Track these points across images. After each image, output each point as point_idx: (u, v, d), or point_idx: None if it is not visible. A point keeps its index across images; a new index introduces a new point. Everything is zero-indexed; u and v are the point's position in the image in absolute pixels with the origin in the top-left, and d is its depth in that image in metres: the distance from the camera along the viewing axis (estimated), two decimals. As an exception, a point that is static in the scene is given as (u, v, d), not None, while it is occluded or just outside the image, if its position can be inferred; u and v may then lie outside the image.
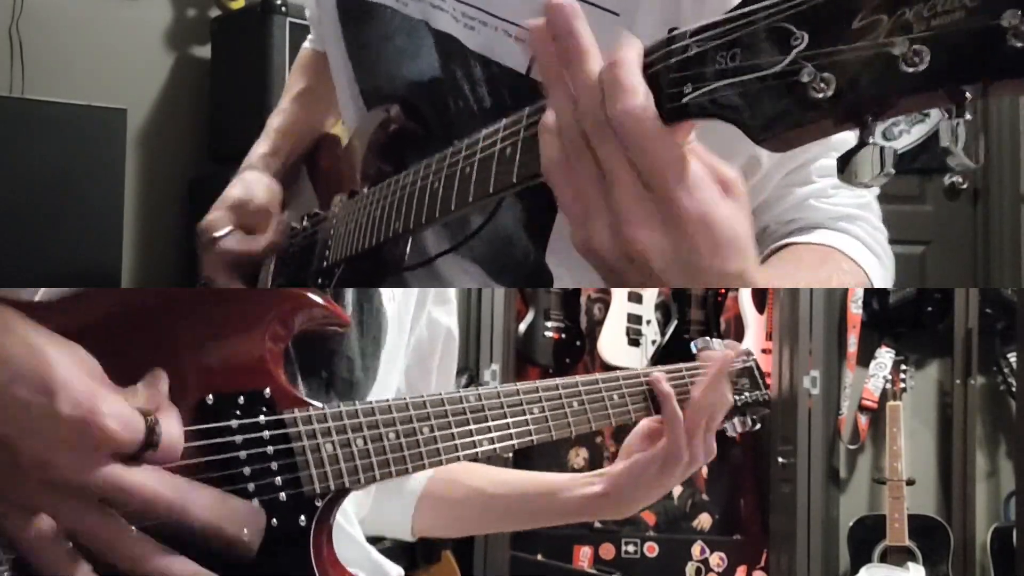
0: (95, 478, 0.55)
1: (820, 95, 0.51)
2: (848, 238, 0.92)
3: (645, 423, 0.95)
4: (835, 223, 0.93)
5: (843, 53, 0.50)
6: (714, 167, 0.58)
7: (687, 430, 0.92)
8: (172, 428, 0.59)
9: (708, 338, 1.07)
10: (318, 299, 0.71)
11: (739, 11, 0.55)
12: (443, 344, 0.97)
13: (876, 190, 0.96)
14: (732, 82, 0.55)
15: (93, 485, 0.55)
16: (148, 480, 0.57)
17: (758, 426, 1.08)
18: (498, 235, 0.98)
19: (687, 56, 0.58)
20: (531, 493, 1.00)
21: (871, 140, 0.51)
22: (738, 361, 1.07)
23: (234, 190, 1.18)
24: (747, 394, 1.07)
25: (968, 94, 0.48)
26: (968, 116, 0.49)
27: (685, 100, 0.57)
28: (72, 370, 0.55)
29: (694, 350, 1.05)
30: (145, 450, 0.57)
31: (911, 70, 0.48)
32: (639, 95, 0.56)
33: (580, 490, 0.96)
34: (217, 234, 1.13)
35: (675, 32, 0.59)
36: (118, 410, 0.56)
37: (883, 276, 0.93)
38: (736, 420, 1.06)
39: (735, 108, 0.55)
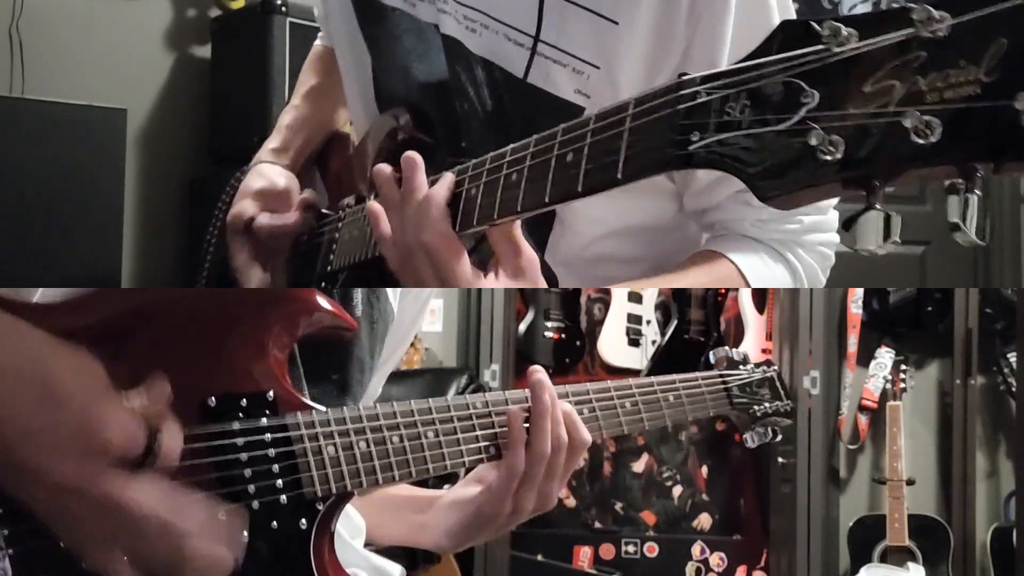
0: (92, 486, 0.55)
1: (828, 157, 0.50)
2: (753, 256, 0.94)
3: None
4: (772, 242, 0.96)
5: (853, 118, 0.49)
6: (512, 258, 0.80)
7: (520, 479, 0.78)
8: (170, 439, 0.60)
9: (726, 348, 1.04)
10: (325, 304, 0.70)
11: (752, 62, 0.54)
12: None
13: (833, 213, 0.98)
14: (739, 135, 0.54)
15: (89, 493, 0.55)
16: (142, 496, 0.57)
17: (779, 437, 1.04)
18: None
19: (696, 104, 0.57)
20: (386, 504, 0.94)
21: (877, 206, 0.50)
22: (757, 371, 1.04)
23: (254, 181, 1.19)
24: (767, 404, 1.03)
25: (979, 170, 0.47)
26: (978, 192, 0.47)
27: (691, 149, 0.57)
28: (77, 379, 0.56)
29: (712, 360, 1.02)
30: (144, 461, 0.58)
31: (921, 142, 0.47)
32: (437, 225, 0.79)
33: (412, 516, 0.92)
34: (249, 216, 1.15)
35: (685, 77, 0.58)
36: (120, 420, 0.57)
37: (780, 284, 0.97)
38: (756, 431, 1.02)
39: (741, 162, 0.54)
